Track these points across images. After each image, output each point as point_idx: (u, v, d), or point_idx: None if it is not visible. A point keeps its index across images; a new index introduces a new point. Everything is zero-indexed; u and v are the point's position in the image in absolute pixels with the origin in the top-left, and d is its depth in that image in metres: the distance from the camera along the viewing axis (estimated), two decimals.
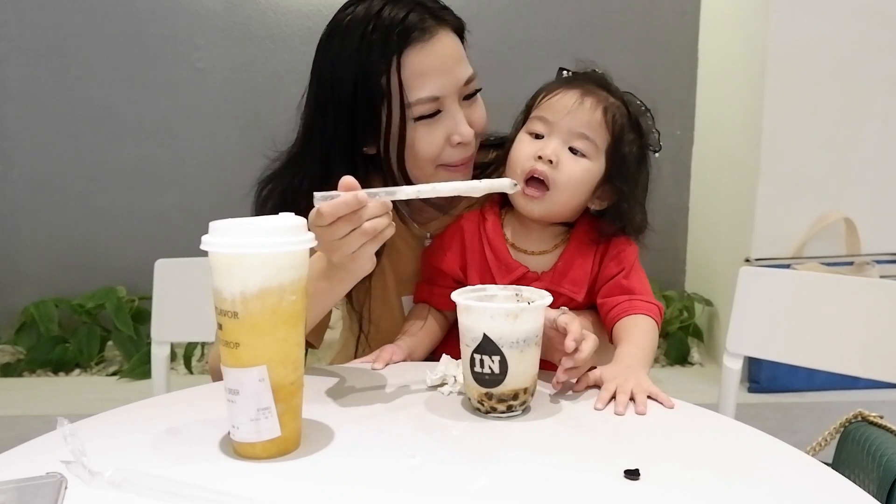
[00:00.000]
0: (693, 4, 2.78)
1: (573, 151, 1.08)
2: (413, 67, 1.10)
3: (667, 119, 2.85)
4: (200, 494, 0.68)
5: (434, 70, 1.10)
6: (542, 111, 1.10)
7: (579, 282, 1.12)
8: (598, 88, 1.11)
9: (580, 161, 1.08)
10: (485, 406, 0.88)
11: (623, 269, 1.13)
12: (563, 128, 1.07)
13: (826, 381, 2.20)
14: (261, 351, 0.75)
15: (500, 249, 1.13)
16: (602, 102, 1.09)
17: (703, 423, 0.89)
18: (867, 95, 2.30)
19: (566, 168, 1.07)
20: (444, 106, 1.12)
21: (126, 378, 2.52)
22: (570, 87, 1.10)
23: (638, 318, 1.08)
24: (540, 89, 1.14)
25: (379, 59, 1.09)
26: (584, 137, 1.08)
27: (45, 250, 2.80)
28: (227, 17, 2.73)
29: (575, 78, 1.14)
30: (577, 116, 1.07)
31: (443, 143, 1.13)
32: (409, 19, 1.10)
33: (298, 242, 0.77)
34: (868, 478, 1.03)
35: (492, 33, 2.69)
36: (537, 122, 1.10)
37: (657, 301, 1.12)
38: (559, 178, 1.07)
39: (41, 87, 2.73)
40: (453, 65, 1.12)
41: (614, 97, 1.11)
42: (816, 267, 2.27)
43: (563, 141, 1.08)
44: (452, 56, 1.13)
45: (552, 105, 1.09)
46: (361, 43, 1.10)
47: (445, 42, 1.12)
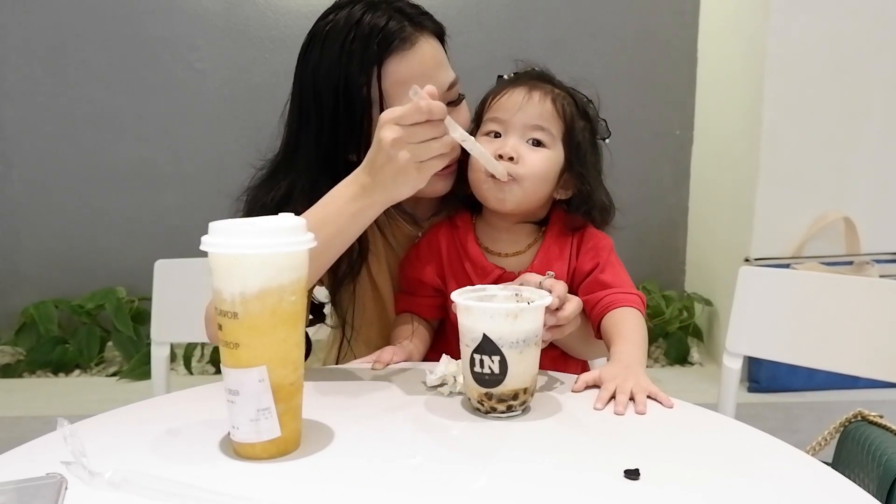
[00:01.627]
0: (692, 4, 2.78)
1: (532, 143, 1.10)
2: (394, 76, 1.09)
3: (666, 119, 2.85)
4: (200, 495, 0.68)
5: (415, 78, 1.08)
6: (494, 112, 1.11)
7: (558, 277, 1.12)
8: (542, 83, 1.13)
9: (540, 151, 1.10)
10: (485, 406, 0.88)
11: (598, 264, 1.14)
12: (517, 124, 1.09)
13: (826, 381, 2.20)
14: (261, 351, 0.75)
15: (475, 254, 1.14)
16: (549, 94, 1.11)
17: (702, 423, 0.89)
18: (866, 95, 2.30)
19: (528, 160, 1.09)
20: None
21: (126, 379, 2.52)
22: (515, 85, 1.12)
23: (624, 311, 1.08)
24: (486, 94, 1.16)
25: (359, 69, 1.09)
26: (540, 128, 1.10)
27: (45, 251, 2.80)
28: (227, 17, 2.73)
29: (518, 77, 1.16)
30: (529, 110, 1.09)
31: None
32: (388, 27, 1.09)
33: (298, 243, 0.77)
34: (868, 477, 1.03)
35: (490, 33, 2.70)
36: (491, 123, 1.11)
37: (638, 291, 1.13)
38: (523, 171, 1.08)
39: (40, 88, 2.73)
40: (434, 71, 1.12)
41: (559, 89, 1.13)
42: (816, 267, 2.27)
43: (519, 136, 1.09)
44: (433, 63, 1.12)
45: (502, 104, 1.11)
46: (342, 52, 1.09)
47: (426, 49, 1.12)
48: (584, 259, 1.14)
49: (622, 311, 1.08)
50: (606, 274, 1.13)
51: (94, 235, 2.81)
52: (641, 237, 2.77)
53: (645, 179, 2.83)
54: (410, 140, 0.91)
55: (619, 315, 1.08)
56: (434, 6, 1.20)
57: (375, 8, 1.11)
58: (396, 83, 1.09)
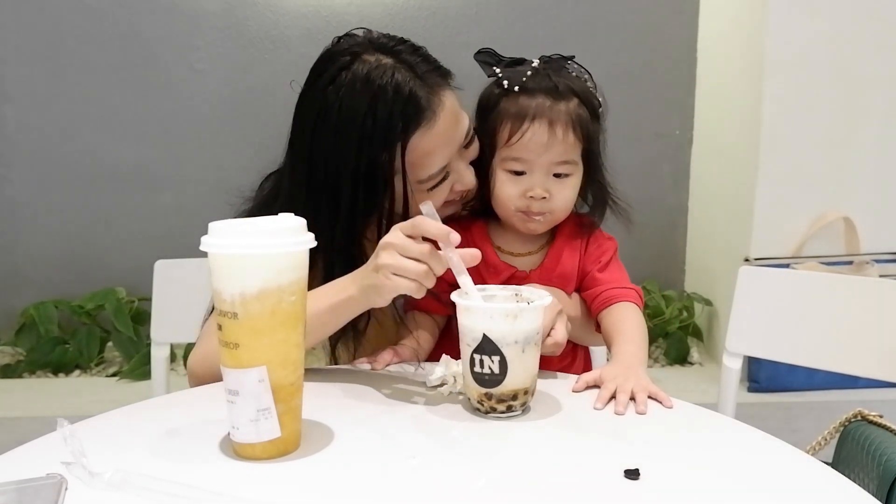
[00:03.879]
0: (692, 4, 2.78)
1: (557, 175, 1.09)
2: (419, 150, 1.05)
3: (666, 119, 2.85)
4: (200, 495, 0.68)
5: (441, 146, 1.06)
6: (516, 151, 1.07)
7: (568, 277, 1.15)
8: (555, 102, 1.07)
9: (566, 182, 1.10)
10: (484, 406, 0.88)
11: (601, 263, 1.15)
12: (543, 163, 1.08)
13: (826, 381, 2.20)
14: (260, 352, 0.75)
15: (488, 253, 1.14)
16: (569, 119, 1.07)
17: (702, 423, 0.89)
18: (866, 95, 2.30)
19: (558, 195, 1.09)
20: (451, 168, 1.10)
21: (126, 379, 2.52)
22: (533, 119, 1.06)
23: (623, 307, 1.10)
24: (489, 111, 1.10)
25: (381, 152, 1.03)
26: (565, 163, 1.08)
27: (45, 251, 2.80)
28: (226, 18, 2.73)
29: (522, 91, 1.08)
30: (554, 149, 1.07)
31: (447, 195, 1.12)
32: (411, 102, 1.03)
33: (298, 243, 0.77)
34: (868, 477, 1.03)
35: (490, 33, 2.69)
36: (514, 163, 1.08)
37: (634, 285, 1.14)
38: (555, 205, 1.09)
39: (40, 89, 2.73)
40: (455, 129, 1.08)
41: (570, 100, 1.08)
42: (816, 266, 2.27)
43: (545, 173, 1.08)
44: (455, 120, 1.08)
45: (525, 145, 1.06)
46: (361, 138, 1.03)
47: (447, 109, 1.06)
48: (589, 259, 1.16)
49: (621, 306, 1.10)
50: (606, 272, 1.15)
51: (93, 236, 2.81)
52: (641, 237, 2.75)
53: (644, 179, 2.83)
54: (407, 271, 0.90)
55: (618, 311, 1.09)
56: (434, 6, 1.20)
57: (391, 71, 1.04)
58: (422, 156, 1.06)
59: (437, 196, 1.10)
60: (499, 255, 1.16)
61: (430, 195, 1.09)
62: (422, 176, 1.07)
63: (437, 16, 2.64)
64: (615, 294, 1.11)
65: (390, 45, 1.07)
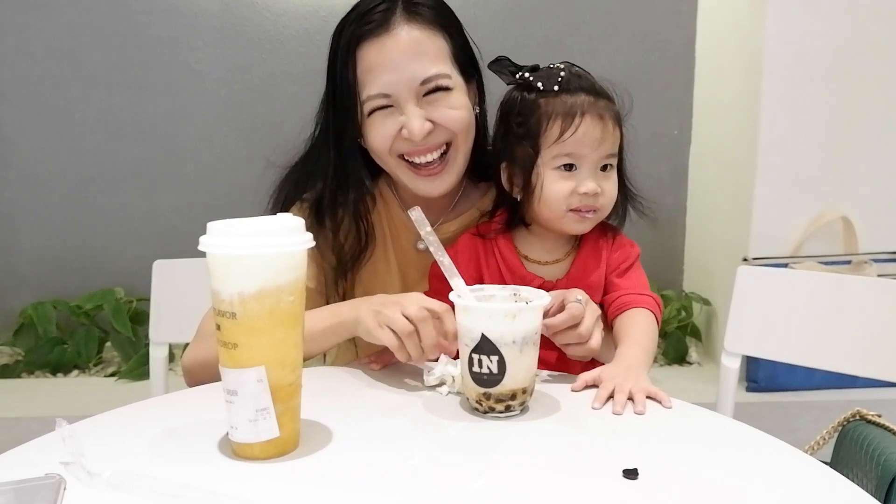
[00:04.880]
0: (689, 4, 2.78)
1: (603, 170, 1.09)
2: (366, 62, 1.10)
3: (664, 119, 2.85)
4: (199, 495, 0.68)
5: (383, 66, 1.09)
6: (569, 147, 1.06)
7: (595, 286, 1.13)
8: (598, 98, 1.08)
9: (611, 175, 1.11)
10: (483, 406, 0.88)
11: (620, 269, 1.15)
12: (594, 157, 1.08)
13: (824, 380, 2.20)
14: (259, 352, 0.75)
15: (514, 264, 1.14)
16: (612, 112, 1.09)
17: (701, 423, 0.89)
18: (864, 94, 2.30)
19: (608, 190, 1.10)
20: (397, 103, 1.11)
21: (124, 379, 2.52)
22: (584, 114, 1.06)
23: (636, 313, 1.09)
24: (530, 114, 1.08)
25: (345, 53, 1.12)
26: (612, 156, 1.09)
27: (43, 252, 2.80)
28: (224, 18, 2.73)
29: (563, 91, 1.08)
30: (606, 142, 1.08)
31: (393, 136, 1.13)
32: (372, 13, 1.10)
33: (296, 243, 0.77)
34: (866, 476, 1.03)
35: (488, 32, 2.67)
36: (564, 158, 1.07)
37: (653, 294, 1.14)
38: (605, 201, 1.10)
39: (38, 89, 2.72)
40: (408, 62, 1.09)
41: (607, 96, 1.10)
42: (814, 266, 2.27)
43: (594, 167, 1.08)
44: (408, 52, 1.09)
45: (580, 140, 1.06)
46: (340, 38, 1.13)
47: (402, 37, 1.09)
48: (612, 266, 1.15)
49: (635, 311, 1.09)
50: (625, 278, 1.14)
51: (92, 236, 2.80)
52: (639, 237, 2.77)
53: (643, 179, 2.82)
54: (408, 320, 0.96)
55: (630, 317, 1.09)
56: None
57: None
58: (367, 70, 1.10)
59: (377, 129, 1.12)
60: (525, 266, 1.14)
61: (374, 128, 1.12)
62: (363, 95, 1.11)
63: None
64: (631, 300, 1.10)
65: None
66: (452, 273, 0.94)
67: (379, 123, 1.12)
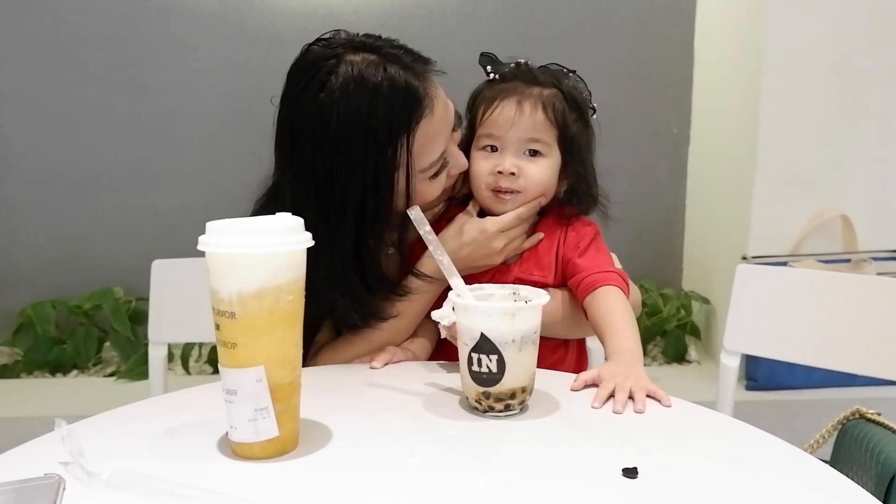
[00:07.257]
0: (689, 2, 2.78)
1: (529, 154, 1.13)
2: (422, 139, 1.05)
3: (663, 117, 2.85)
4: (198, 495, 0.68)
5: (440, 131, 1.07)
6: (488, 128, 1.13)
7: (547, 266, 1.17)
8: (529, 86, 1.13)
9: (538, 161, 1.13)
10: (483, 405, 0.88)
11: (579, 249, 1.16)
12: (512, 139, 1.12)
13: (824, 379, 2.20)
14: (258, 351, 0.75)
15: None
16: (539, 101, 1.12)
17: (700, 422, 0.89)
18: (863, 92, 2.31)
19: (528, 172, 1.12)
20: (447, 152, 1.10)
21: (123, 379, 2.52)
22: (504, 97, 1.12)
23: (605, 294, 1.09)
24: (474, 100, 1.17)
25: (387, 148, 1.03)
26: (535, 140, 1.12)
27: (43, 251, 2.80)
28: (224, 17, 2.73)
29: (502, 80, 1.16)
30: (522, 124, 1.11)
31: (445, 181, 1.13)
32: (409, 93, 1.02)
33: (296, 243, 0.76)
34: (866, 475, 1.03)
35: (487, 31, 2.69)
36: (486, 139, 1.14)
37: (618, 269, 1.15)
38: (524, 182, 1.13)
39: (38, 89, 2.72)
40: (448, 112, 1.09)
41: (546, 88, 1.14)
42: (813, 264, 2.27)
43: (515, 150, 1.12)
44: (446, 104, 1.09)
45: (494, 120, 1.12)
46: (367, 139, 1.02)
47: (440, 94, 1.07)
48: (568, 246, 1.17)
49: (604, 293, 1.09)
50: (585, 258, 1.15)
51: (91, 236, 2.80)
52: (639, 235, 2.77)
53: (642, 178, 2.83)
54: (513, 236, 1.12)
55: (603, 300, 1.09)
56: (430, 4, 1.20)
57: (377, 69, 1.02)
58: (423, 144, 1.05)
59: (438, 184, 1.12)
60: None
61: (432, 183, 1.10)
62: (424, 164, 1.07)
63: (433, 14, 2.64)
64: (597, 279, 1.11)
65: (370, 42, 1.06)
66: (451, 272, 0.94)
67: (436, 181, 1.11)
